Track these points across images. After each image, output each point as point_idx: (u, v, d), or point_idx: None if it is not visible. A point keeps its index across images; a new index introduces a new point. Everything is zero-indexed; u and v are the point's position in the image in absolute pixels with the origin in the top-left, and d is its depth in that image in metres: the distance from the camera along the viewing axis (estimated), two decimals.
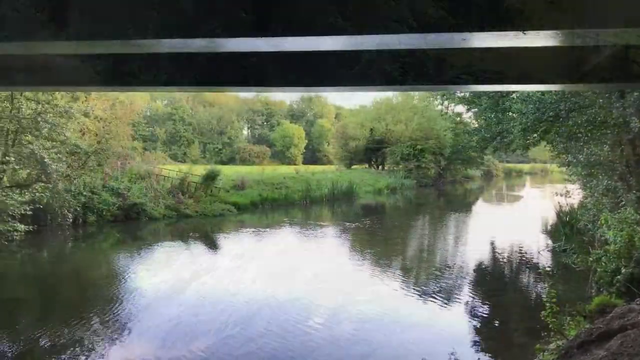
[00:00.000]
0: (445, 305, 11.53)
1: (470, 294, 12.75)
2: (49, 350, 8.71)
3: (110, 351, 8.65)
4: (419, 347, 9.09)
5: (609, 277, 10.27)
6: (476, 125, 26.81)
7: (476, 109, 22.49)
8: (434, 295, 12.35)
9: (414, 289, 13.07)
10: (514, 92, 14.78)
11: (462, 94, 23.65)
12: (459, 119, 59.76)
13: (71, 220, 21.41)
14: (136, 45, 4.49)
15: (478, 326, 10.30)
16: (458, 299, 12.17)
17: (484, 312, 11.28)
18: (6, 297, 12.33)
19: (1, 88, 12.41)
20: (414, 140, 54.70)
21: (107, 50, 5.79)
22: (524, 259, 17.26)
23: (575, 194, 18.55)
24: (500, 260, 17.60)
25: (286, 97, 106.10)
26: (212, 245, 20.48)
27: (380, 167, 59.61)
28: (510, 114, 16.58)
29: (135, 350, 8.71)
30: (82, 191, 22.18)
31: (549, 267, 15.66)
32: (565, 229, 18.12)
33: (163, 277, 14.14)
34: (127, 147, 33.77)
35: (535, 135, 16.08)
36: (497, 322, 10.95)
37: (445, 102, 61.08)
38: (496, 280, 14.82)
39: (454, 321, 10.63)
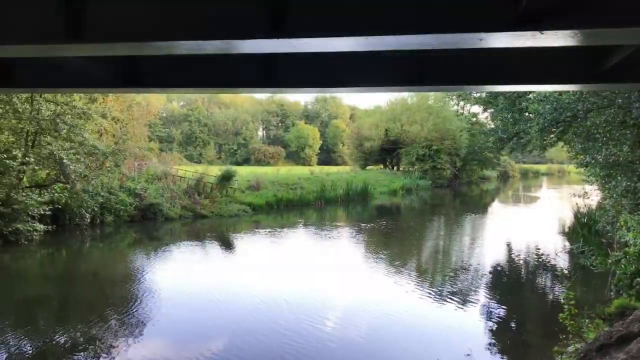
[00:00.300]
0: (461, 307, 11.46)
1: (486, 296, 12.65)
2: (69, 348, 8.82)
3: (129, 349, 8.73)
4: (434, 348, 9.05)
5: (628, 280, 10.11)
6: (492, 126, 26.61)
7: (492, 110, 22.33)
8: (449, 296, 12.28)
9: (429, 290, 12.99)
10: (531, 92, 14.65)
11: (478, 94, 23.50)
12: (474, 119, 59.59)
13: (89, 220, 21.68)
14: (153, 47, 4.55)
15: (494, 328, 10.22)
16: (473, 300, 12.08)
17: (500, 313, 11.18)
18: (26, 296, 12.52)
19: (21, 90, 12.64)
20: (429, 140, 54.43)
21: (124, 52, 5.87)
22: (541, 260, 17.07)
23: (593, 195, 18.31)
24: (517, 261, 17.44)
25: (301, 98, 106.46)
26: (228, 245, 20.58)
27: (395, 167, 59.44)
28: (527, 114, 16.44)
29: (153, 349, 8.78)
30: (100, 191, 22.40)
31: (566, 268, 15.48)
32: (583, 231, 17.89)
33: (179, 277, 14.25)
34: (143, 147, 34.20)
35: (552, 135, 15.92)
36: (514, 324, 10.85)
37: (461, 103, 60.72)
38: (512, 282, 14.68)
39: (470, 323, 10.55)
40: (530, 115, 15.69)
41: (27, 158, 18.26)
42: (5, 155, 17.37)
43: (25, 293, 12.88)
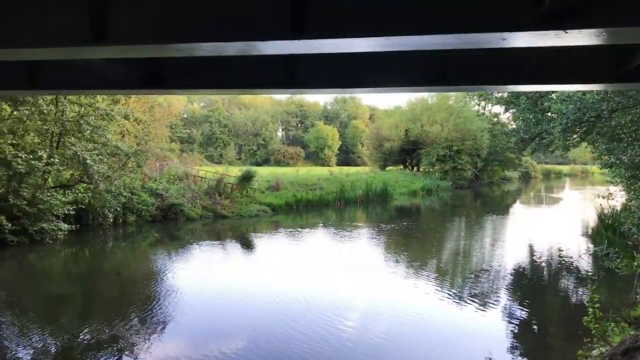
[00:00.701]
0: (482, 309, 11.34)
1: (507, 298, 12.51)
2: (92, 345, 8.97)
3: (150, 347, 8.84)
4: (455, 349, 8.98)
5: None
6: (514, 126, 26.30)
7: (514, 110, 22.07)
8: (470, 298, 12.17)
9: (449, 291, 12.89)
10: (553, 92, 14.44)
11: (500, 94, 23.26)
12: (495, 119, 58.97)
13: (112, 220, 21.98)
14: (175, 49, 4.60)
15: (515, 330, 10.10)
16: (494, 302, 11.96)
17: (522, 316, 11.04)
18: (51, 294, 12.77)
19: (46, 92, 12.90)
20: (449, 141, 54.00)
21: (146, 54, 5.94)
22: (564, 262, 16.82)
23: (618, 197, 17.97)
24: (539, 263, 17.21)
25: (320, 98, 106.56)
26: (248, 245, 20.70)
27: (415, 168, 59.11)
28: (550, 114, 16.20)
29: (173, 348, 8.87)
30: (122, 192, 22.71)
31: (590, 271, 15.22)
32: (608, 233, 17.56)
33: (200, 277, 14.38)
34: (165, 148, 34.61)
35: (575, 136, 15.67)
36: (536, 326, 10.71)
37: (482, 103, 60.11)
38: (534, 284, 14.48)
39: (491, 325, 10.45)
40: (553, 115, 15.46)
41: (52, 159, 18.60)
42: (31, 156, 17.72)
43: (50, 291, 13.14)
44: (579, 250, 18.17)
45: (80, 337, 9.38)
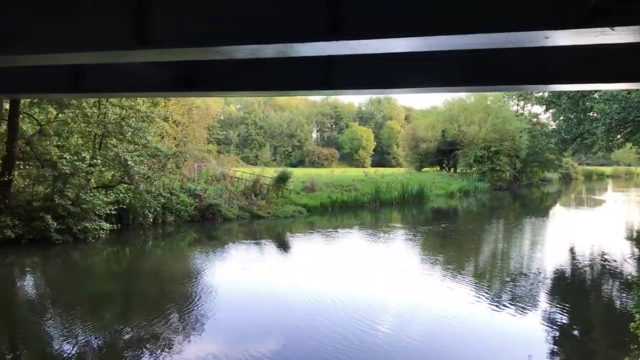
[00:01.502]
0: (521, 312, 11.10)
1: (547, 302, 12.21)
2: (132, 341, 9.20)
3: (187, 345, 9.00)
4: (492, 354, 8.82)
5: None
6: (554, 126, 25.69)
7: (554, 110, 21.56)
8: (508, 301, 11.92)
9: (487, 294, 12.66)
10: (596, 91, 14.04)
11: (540, 94, 22.75)
12: (535, 119, 57.60)
13: (151, 220, 22.45)
14: (214, 51, 4.69)
15: (556, 335, 9.84)
16: (534, 306, 11.68)
17: (563, 320, 10.75)
18: (94, 292, 13.14)
19: (89, 94, 13.30)
20: (487, 142, 53.02)
21: (186, 57, 6.07)
22: (607, 266, 16.31)
23: None
24: (580, 267, 16.72)
25: (355, 99, 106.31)
26: (284, 245, 20.84)
27: (452, 169, 58.30)
28: (593, 114, 15.77)
29: (209, 346, 9.00)
30: (162, 192, 23.16)
31: (635, 276, 14.71)
32: None
33: (236, 276, 14.56)
34: (202, 149, 35.14)
35: (619, 136, 15.22)
36: (578, 332, 10.42)
37: (521, 103, 58.87)
38: (576, 288, 14.09)
39: (530, 329, 10.20)
40: (596, 115, 15.05)
41: (94, 160, 19.16)
42: (75, 157, 18.30)
43: (93, 288, 13.53)
44: (622, 254, 17.59)
45: (122, 333, 9.63)
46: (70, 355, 8.52)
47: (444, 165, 60.16)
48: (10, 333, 10.22)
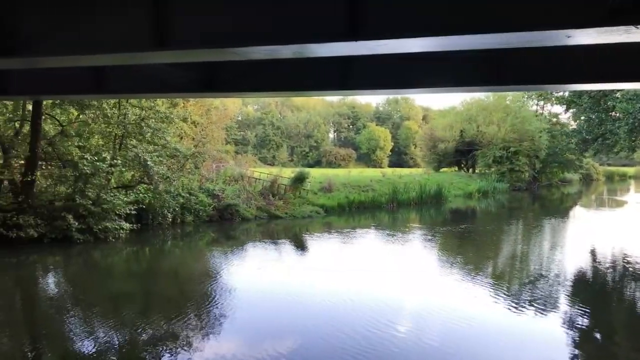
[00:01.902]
0: (540, 314, 10.95)
1: (568, 304, 12.03)
2: (152, 340, 9.29)
3: (206, 344, 9.06)
4: (511, 356, 8.73)
5: None
6: (574, 127, 25.33)
7: (575, 109, 21.27)
8: (527, 303, 11.77)
9: (506, 296, 12.53)
10: (618, 90, 13.81)
11: (560, 94, 22.46)
12: (555, 119, 56.83)
13: (170, 219, 22.67)
14: (232, 52, 4.72)
15: (577, 338, 9.70)
16: (554, 308, 11.52)
17: (584, 323, 10.59)
18: (114, 290, 13.31)
19: (110, 95, 13.48)
20: (506, 142, 52.48)
21: (205, 58, 6.12)
22: (629, 268, 16.02)
23: None
24: (601, 269, 16.45)
25: (372, 99, 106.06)
26: (301, 245, 20.86)
27: (470, 170, 57.83)
28: (615, 113, 15.52)
29: (226, 345, 9.06)
30: (181, 192, 23.36)
31: None
32: None
33: (253, 276, 14.61)
34: (221, 150, 35.37)
35: None
36: (599, 335, 10.25)
37: (541, 102, 58.23)
38: (597, 291, 13.86)
39: (550, 331, 10.06)
40: (618, 114, 14.81)
41: (114, 160, 19.40)
42: (95, 158, 18.55)
43: (113, 287, 13.70)
44: None
45: (141, 332, 9.73)
46: (91, 352, 8.64)
47: (462, 165, 59.69)
48: (33, 330, 10.42)
